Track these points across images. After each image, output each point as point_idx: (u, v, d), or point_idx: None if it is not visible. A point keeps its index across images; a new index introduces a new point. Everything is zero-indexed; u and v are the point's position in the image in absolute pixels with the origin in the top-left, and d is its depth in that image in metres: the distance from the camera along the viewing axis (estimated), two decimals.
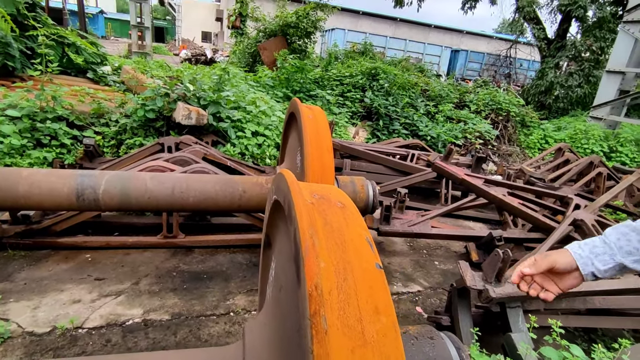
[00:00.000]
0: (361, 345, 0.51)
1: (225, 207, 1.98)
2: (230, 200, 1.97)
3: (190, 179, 2.00)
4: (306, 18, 8.00)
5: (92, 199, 1.81)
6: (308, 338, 0.49)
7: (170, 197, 1.89)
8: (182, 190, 1.92)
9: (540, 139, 7.18)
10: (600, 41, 9.97)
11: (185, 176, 2.04)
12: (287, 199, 0.74)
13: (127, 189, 1.85)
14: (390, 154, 4.07)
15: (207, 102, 3.77)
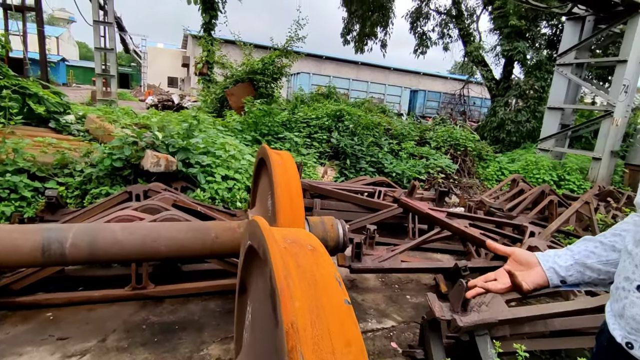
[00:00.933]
0: None
1: (197, 253, 1.98)
2: (203, 246, 1.98)
3: (161, 227, 2.00)
4: (272, 65, 8.37)
5: (58, 253, 1.77)
6: None
7: (141, 247, 1.87)
8: (153, 240, 1.91)
9: (497, 171, 7.67)
10: (541, 81, 11.04)
11: (156, 225, 2.04)
12: (261, 245, 0.81)
13: (95, 241, 1.83)
14: (358, 191, 4.22)
15: (176, 148, 3.80)
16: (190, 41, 28.74)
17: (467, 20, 13.76)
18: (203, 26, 11.38)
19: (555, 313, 1.93)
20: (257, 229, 0.89)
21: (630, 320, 0.70)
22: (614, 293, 0.77)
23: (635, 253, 0.72)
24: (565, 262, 0.88)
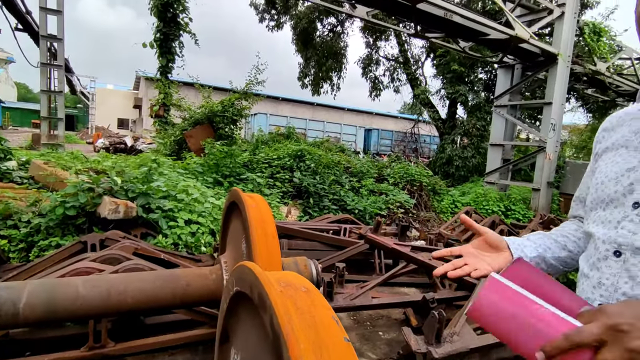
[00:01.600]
0: None
1: (168, 304, 1.89)
2: (173, 296, 1.90)
3: (127, 278, 1.91)
4: (232, 107, 8.49)
5: (10, 314, 1.62)
6: None
7: (106, 301, 1.76)
8: (119, 292, 1.81)
9: (450, 204, 8.12)
10: (481, 120, 12.13)
11: (121, 276, 1.94)
12: (256, 289, 0.83)
13: (54, 299, 1.70)
14: (324, 229, 4.27)
15: (136, 193, 3.68)
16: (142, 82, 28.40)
17: (413, 66, 14.99)
18: (159, 69, 11.39)
19: None
20: (248, 275, 0.91)
21: None
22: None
23: (591, 276, 0.82)
24: (531, 253, 0.95)
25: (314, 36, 16.29)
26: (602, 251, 0.78)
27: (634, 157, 0.78)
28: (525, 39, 7.03)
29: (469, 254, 0.94)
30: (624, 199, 0.76)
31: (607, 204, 0.81)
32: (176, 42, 11.33)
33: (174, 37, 11.19)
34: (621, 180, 0.78)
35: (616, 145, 0.86)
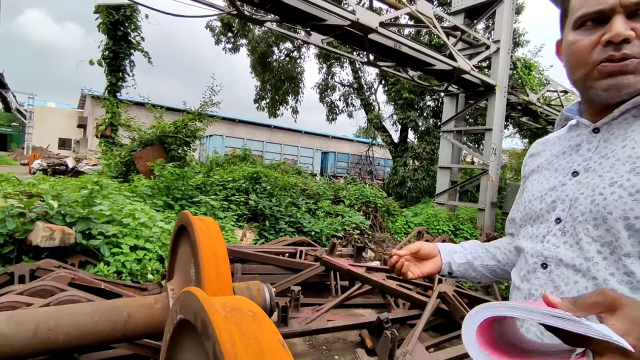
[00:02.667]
0: None
1: (107, 338, 1.73)
2: (113, 329, 1.75)
3: (59, 312, 1.73)
4: (185, 128, 8.26)
5: None
6: None
7: (32, 340, 1.58)
8: (49, 328, 1.64)
9: (404, 224, 8.37)
10: (431, 144, 12.82)
11: (51, 310, 1.76)
12: (200, 316, 0.80)
13: None
14: (280, 252, 4.21)
15: (75, 218, 3.41)
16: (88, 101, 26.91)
17: (367, 92, 15.64)
18: (108, 88, 10.89)
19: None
20: (192, 301, 0.87)
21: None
22: None
23: (522, 287, 0.88)
24: (460, 260, 1.05)
25: (271, 60, 16.52)
26: (531, 264, 0.85)
27: (554, 178, 0.87)
28: (467, 70, 7.64)
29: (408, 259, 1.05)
30: (548, 215, 0.84)
31: (534, 220, 0.88)
32: (126, 60, 10.94)
33: (124, 55, 10.81)
34: (545, 198, 0.86)
35: (541, 167, 0.95)
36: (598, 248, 0.72)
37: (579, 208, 0.77)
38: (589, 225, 0.74)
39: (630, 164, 0.72)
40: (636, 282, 0.67)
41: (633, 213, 0.68)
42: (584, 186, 0.78)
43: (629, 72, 0.72)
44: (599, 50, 0.74)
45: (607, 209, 0.71)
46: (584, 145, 0.84)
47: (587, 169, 0.80)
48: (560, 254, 0.78)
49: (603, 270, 0.71)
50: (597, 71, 0.75)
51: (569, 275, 0.76)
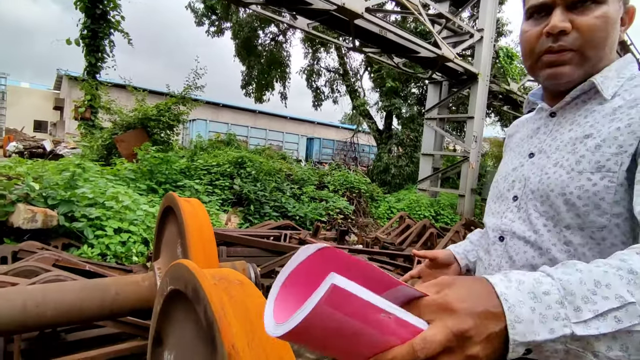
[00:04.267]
0: None
1: (94, 315, 1.78)
2: (100, 306, 1.80)
3: (47, 289, 1.76)
4: (168, 111, 8.13)
5: None
6: None
7: (21, 315, 1.61)
8: (37, 304, 1.67)
9: (387, 210, 8.55)
10: (414, 131, 12.99)
11: (39, 287, 1.79)
12: (191, 284, 0.86)
13: None
14: (264, 236, 4.27)
15: (57, 201, 3.38)
16: (65, 82, 25.91)
17: (352, 79, 15.61)
18: (86, 69, 10.52)
19: None
20: (182, 271, 0.93)
21: None
22: None
23: (484, 259, 0.97)
24: (473, 258, 1.11)
25: (256, 44, 16.24)
26: (492, 237, 0.94)
27: (517, 159, 0.95)
28: (451, 58, 7.74)
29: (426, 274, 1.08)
30: (508, 193, 0.92)
31: (498, 198, 0.97)
32: (106, 40, 10.57)
33: (103, 35, 10.43)
34: (507, 178, 0.94)
35: (511, 149, 1.03)
36: (544, 222, 0.81)
37: (529, 186, 0.85)
38: (537, 202, 0.83)
39: (571, 145, 0.80)
40: (574, 250, 0.77)
41: (569, 189, 0.76)
42: (535, 166, 0.86)
43: (565, 63, 0.79)
44: (542, 40, 0.81)
45: (550, 187, 0.79)
46: (542, 129, 0.92)
47: (540, 150, 0.88)
48: (514, 227, 0.87)
49: (547, 241, 0.80)
50: (541, 61, 0.82)
51: (520, 246, 0.85)
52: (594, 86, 0.81)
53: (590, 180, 0.74)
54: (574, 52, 0.78)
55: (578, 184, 0.75)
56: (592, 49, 0.78)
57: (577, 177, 0.75)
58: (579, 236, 0.77)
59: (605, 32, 0.77)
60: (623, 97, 0.78)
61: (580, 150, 0.77)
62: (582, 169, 0.75)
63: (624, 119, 0.73)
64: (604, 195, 0.72)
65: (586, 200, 0.74)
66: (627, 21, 0.83)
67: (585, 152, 0.76)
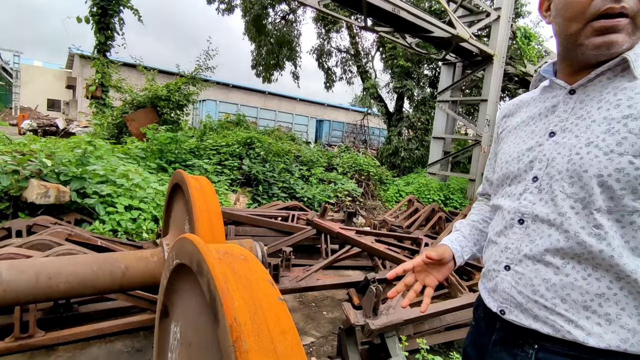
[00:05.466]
0: (275, 359, 0.65)
1: (105, 288, 1.83)
2: (111, 280, 1.84)
3: (59, 262, 1.81)
4: (178, 91, 8.11)
5: None
6: (233, 359, 0.62)
7: (34, 287, 1.66)
8: (50, 277, 1.72)
9: (395, 193, 8.52)
10: (426, 114, 12.76)
11: (53, 260, 1.83)
12: (195, 258, 0.86)
13: None
14: (272, 216, 4.30)
15: (69, 177, 3.43)
16: (77, 61, 25.96)
17: (364, 59, 15.30)
18: (97, 47, 10.51)
19: (447, 309, 2.26)
20: (187, 245, 0.93)
21: (502, 292, 0.89)
22: (486, 274, 0.99)
23: (499, 242, 0.94)
24: (467, 255, 1.10)
25: (265, 23, 15.96)
26: (508, 220, 0.91)
27: (531, 139, 0.91)
28: (466, 38, 7.49)
29: (420, 269, 1.05)
30: (525, 174, 0.89)
31: (512, 179, 0.94)
32: (115, 18, 10.49)
33: (112, 12, 10.34)
34: (522, 158, 0.91)
35: (516, 128, 0.99)
36: (571, 204, 0.78)
37: (555, 167, 0.82)
38: (564, 183, 0.79)
39: (606, 124, 0.76)
40: (604, 233, 0.74)
41: (607, 171, 0.73)
42: (561, 146, 0.82)
43: (619, 30, 0.74)
44: (597, 2, 0.74)
45: (583, 167, 0.76)
46: (561, 107, 0.87)
47: (563, 129, 0.84)
48: (536, 210, 0.84)
49: (575, 224, 0.77)
50: (591, 28, 0.76)
51: (544, 229, 0.83)
52: (624, 62, 0.77)
53: (632, 163, 0.71)
54: (629, 20, 0.73)
55: (618, 166, 0.72)
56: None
57: (617, 159, 0.73)
58: (607, 219, 0.74)
59: None
60: None
61: (621, 131, 0.74)
62: (624, 150, 0.72)
63: None
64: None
65: (624, 184, 0.72)
66: None
67: (628, 134, 0.73)
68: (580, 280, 0.78)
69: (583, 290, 0.77)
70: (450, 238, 1.12)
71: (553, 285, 0.80)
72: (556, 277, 0.80)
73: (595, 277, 0.76)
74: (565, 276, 0.79)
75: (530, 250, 0.85)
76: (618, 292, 0.75)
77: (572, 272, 0.78)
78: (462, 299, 2.41)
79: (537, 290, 0.82)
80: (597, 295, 0.76)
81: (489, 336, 0.96)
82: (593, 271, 0.77)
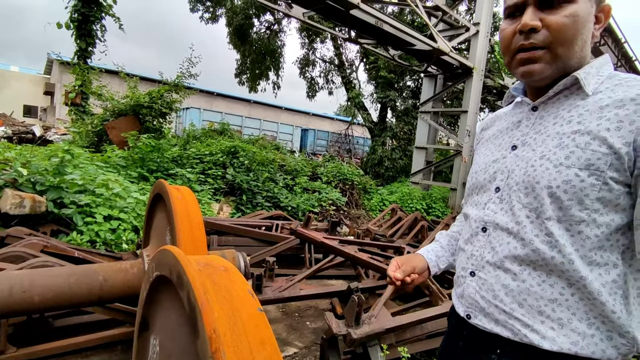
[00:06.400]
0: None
1: (82, 301, 1.78)
2: (88, 292, 1.80)
3: (34, 274, 1.76)
4: (160, 99, 8.02)
5: None
6: None
7: (7, 300, 1.61)
8: (23, 289, 1.66)
9: (379, 202, 8.60)
10: (409, 124, 13.00)
11: (27, 272, 1.78)
12: (175, 270, 0.86)
13: None
14: (256, 226, 4.28)
15: (46, 187, 3.34)
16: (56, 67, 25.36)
17: (348, 70, 15.52)
18: (77, 53, 10.33)
19: (428, 317, 2.30)
20: (167, 257, 0.93)
21: (468, 297, 0.94)
22: (456, 281, 1.03)
23: (466, 249, 0.99)
24: (444, 265, 1.16)
25: (250, 33, 16.03)
26: (474, 228, 0.95)
27: (497, 151, 0.97)
28: (446, 52, 7.72)
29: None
30: (490, 185, 0.94)
31: (479, 189, 0.98)
32: (97, 24, 10.36)
33: (94, 19, 10.21)
34: (488, 170, 0.96)
35: (488, 141, 1.04)
36: (527, 213, 0.83)
37: (514, 178, 0.87)
38: (520, 194, 0.85)
39: (558, 139, 0.82)
40: (554, 241, 0.79)
41: (555, 182, 0.78)
42: (520, 159, 0.88)
43: (536, 61, 0.82)
44: (516, 38, 0.84)
45: (536, 179, 0.81)
46: (524, 122, 0.93)
47: (524, 143, 0.90)
48: (497, 219, 0.89)
49: (530, 232, 0.82)
50: (515, 59, 0.86)
51: (504, 237, 0.87)
52: (577, 82, 0.83)
53: (578, 176, 0.76)
54: (545, 50, 0.81)
55: (565, 178, 0.77)
56: (561, 46, 0.80)
57: (565, 171, 0.77)
58: (557, 227, 0.79)
59: (574, 30, 0.79)
60: (607, 94, 0.80)
61: (569, 145, 0.79)
62: (571, 163, 0.77)
63: (613, 120, 0.76)
64: (588, 191, 0.75)
65: (571, 195, 0.76)
66: (603, 19, 0.84)
67: (575, 148, 0.78)
68: (536, 286, 0.82)
69: (538, 296, 0.81)
70: (427, 248, 1.17)
71: (511, 290, 0.84)
72: (514, 283, 0.84)
73: (549, 283, 0.80)
74: (522, 282, 0.83)
75: (492, 257, 0.89)
76: (569, 298, 0.79)
77: (528, 278, 0.83)
78: (443, 307, 2.45)
79: (497, 295, 0.86)
80: (551, 300, 0.80)
81: (459, 342, 0.99)
82: (547, 277, 0.81)
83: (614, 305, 0.76)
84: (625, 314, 0.76)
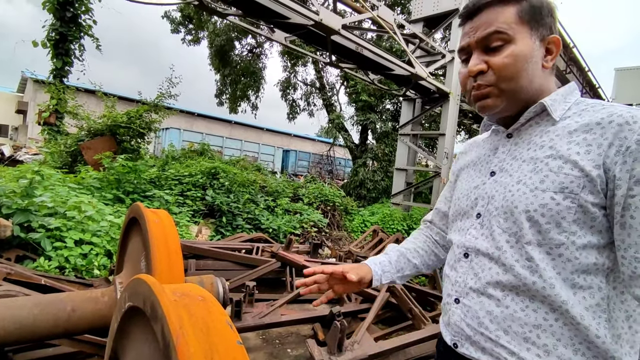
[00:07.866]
0: None
1: (47, 334, 1.66)
2: (55, 324, 1.68)
3: None
4: (139, 119, 7.90)
5: None
6: None
7: None
8: None
9: (361, 223, 8.60)
10: (389, 146, 13.23)
11: None
12: (149, 301, 0.82)
13: None
14: (236, 249, 4.18)
15: (13, 210, 3.18)
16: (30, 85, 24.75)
17: (329, 92, 15.81)
18: (53, 72, 10.12)
19: (411, 342, 2.26)
20: (141, 286, 0.88)
21: (454, 325, 0.92)
22: (443, 308, 1.02)
23: (450, 275, 0.98)
24: (387, 279, 1.12)
25: (231, 54, 16.19)
26: (457, 254, 0.96)
27: (478, 178, 0.98)
28: (424, 77, 8.00)
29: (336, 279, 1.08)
30: (471, 211, 0.95)
31: (462, 215, 0.99)
32: (76, 44, 10.23)
33: (73, 38, 10.09)
34: (470, 196, 0.97)
35: (468, 167, 1.06)
36: (507, 238, 0.84)
37: (494, 204, 0.88)
38: (500, 219, 0.86)
39: (532, 164, 0.84)
40: (535, 265, 0.79)
41: (533, 206, 0.80)
42: (498, 184, 0.90)
43: (486, 97, 0.89)
44: (469, 80, 0.92)
45: (514, 204, 0.83)
46: (500, 149, 0.96)
47: (501, 169, 0.92)
48: (479, 244, 0.89)
49: (510, 257, 0.82)
50: (472, 97, 0.93)
51: (485, 262, 0.87)
52: (545, 108, 0.86)
53: (554, 199, 0.77)
54: (492, 87, 0.87)
55: (542, 202, 0.79)
56: (505, 82, 0.86)
57: (541, 195, 0.79)
58: (538, 252, 0.79)
59: (515, 67, 0.84)
60: (574, 119, 0.83)
61: (543, 169, 0.81)
62: (546, 187, 0.79)
63: (582, 144, 0.79)
64: (565, 214, 0.77)
65: (549, 218, 0.78)
66: (554, 50, 0.89)
67: (549, 172, 0.80)
68: (519, 311, 0.81)
69: (522, 322, 0.81)
70: (375, 261, 1.14)
71: (495, 317, 0.84)
72: (498, 309, 0.84)
73: (532, 309, 0.80)
74: (505, 308, 0.83)
75: (475, 283, 0.89)
76: (554, 323, 0.78)
77: (511, 304, 0.82)
78: (426, 330, 2.42)
79: (482, 323, 0.86)
80: (535, 326, 0.79)
81: None
82: (530, 302, 0.80)
83: (597, 329, 0.75)
84: (609, 338, 0.76)
